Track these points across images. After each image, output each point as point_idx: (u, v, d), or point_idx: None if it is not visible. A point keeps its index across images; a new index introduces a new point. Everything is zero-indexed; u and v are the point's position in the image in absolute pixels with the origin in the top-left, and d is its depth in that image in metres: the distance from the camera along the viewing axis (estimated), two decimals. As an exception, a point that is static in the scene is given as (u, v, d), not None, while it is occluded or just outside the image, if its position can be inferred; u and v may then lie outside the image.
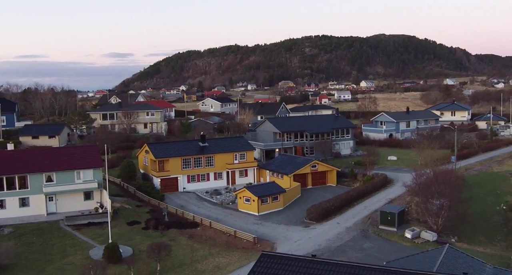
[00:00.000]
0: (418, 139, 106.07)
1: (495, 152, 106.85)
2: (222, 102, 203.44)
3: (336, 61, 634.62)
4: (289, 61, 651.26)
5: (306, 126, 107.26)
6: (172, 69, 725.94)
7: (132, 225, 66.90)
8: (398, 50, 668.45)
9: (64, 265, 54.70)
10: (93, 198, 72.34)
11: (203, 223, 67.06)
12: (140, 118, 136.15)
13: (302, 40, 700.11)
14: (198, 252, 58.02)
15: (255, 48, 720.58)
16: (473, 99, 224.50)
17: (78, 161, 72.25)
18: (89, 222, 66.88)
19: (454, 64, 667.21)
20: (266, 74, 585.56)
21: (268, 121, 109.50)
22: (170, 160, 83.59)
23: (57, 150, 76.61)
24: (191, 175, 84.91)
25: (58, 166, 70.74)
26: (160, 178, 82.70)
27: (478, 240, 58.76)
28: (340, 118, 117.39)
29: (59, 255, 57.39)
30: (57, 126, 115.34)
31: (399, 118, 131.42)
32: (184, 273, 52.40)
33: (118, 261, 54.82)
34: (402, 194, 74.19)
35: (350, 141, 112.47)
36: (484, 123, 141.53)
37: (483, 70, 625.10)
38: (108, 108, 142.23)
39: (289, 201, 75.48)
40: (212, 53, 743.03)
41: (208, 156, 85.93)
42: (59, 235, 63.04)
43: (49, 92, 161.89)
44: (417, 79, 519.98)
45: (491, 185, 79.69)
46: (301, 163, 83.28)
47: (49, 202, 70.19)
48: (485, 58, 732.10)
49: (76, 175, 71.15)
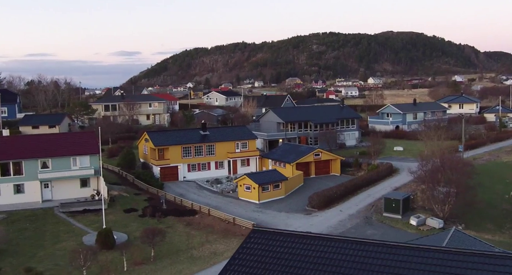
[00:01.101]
0: (425, 130, 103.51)
1: (504, 142, 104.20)
2: (227, 96, 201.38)
3: (343, 58, 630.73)
4: (296, 58, 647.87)
5: (310, 116, 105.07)
6: (179, 67, 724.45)
7: (129, 213, 65.12)
8: (406, 47, 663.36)
9: (55, 251, 52.91)
10: (89, 186, 70.55)
11: (201, 210, 65.16)
12: (143, 110, 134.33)
13: (309, 37, 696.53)
14: (195, 239, 56.13)
15: (262, 45, 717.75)
16: (482, 95, 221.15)
17: (75, 147, 70.46)
18: (84, 209, 65.12)
19: (462, 61, 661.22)
20: (273, 71, 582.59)
21: (272, 111, 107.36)
22: (170, 149, 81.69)
23: (53, 136, 74.84)
24: (192, 164, 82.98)
25: (53, 152, 68.99)
26: (159, 166, 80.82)
27: (486, 227, 56.48)
28: (346, 109, 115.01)
29: (51, 241, 55.64)
30: (57, 116, 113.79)
31: (406, 110, 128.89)
32: (179, 259, 50.46)
33: (111, 247, 52.96)
34: (407, 183, 71.95)
35: (356, 132, 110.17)
36: (493, 115, 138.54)
37: (492, 67, 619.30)
38: (110, 100, 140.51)
39: (291, 189, 73.39)
40: (219, 50, 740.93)
41: (209, 144, 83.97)
42: (53, 222, 61.32)
43: (52, 84, 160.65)
44: (425, 76, 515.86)
45: (499, 174, 77.26)
46: (304, 151, 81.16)
47: (45, 189, 68.50)
48: (494, 55, 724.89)
49: (72, 162, 69.35)
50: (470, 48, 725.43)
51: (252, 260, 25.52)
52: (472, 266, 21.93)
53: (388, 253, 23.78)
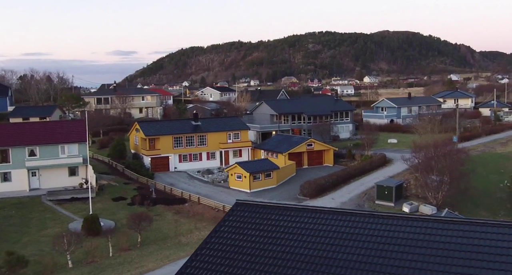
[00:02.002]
0: (419, 123, 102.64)
1: (498, 135, 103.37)
2: (221, 91, 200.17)
3: (339, 57, 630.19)
4: (293, 57, 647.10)
5: (304, 108, 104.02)
6: (175, 65, 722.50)
7: (117, 201, 64.06)
8: (402, 46, 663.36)
9: (40, 237, 51.83)
10: (78, 174, 69.35)
11: (191, 199, 64.13)
12: (135, 103, 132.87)
13: (305, 36, 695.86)
14: (183, 226, 55.10)
15: (258, 44, 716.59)
16: (477, 92, 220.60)
17: (63, 135, 69.22)
18: (72, 197, 64.01)
19: (458, 60, 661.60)
20: (269, 70, 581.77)
21: (265, 103, 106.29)
22: (161, 138, 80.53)
23: (41, 124, 73.66)
24: (183, 155, 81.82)
25: (41, 140, 67.76)
26: (150, 157, 79.64)
27: (480, 214, 55.57)
28: (340, 101, 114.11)
29: (36, 228, 54.56)
30: (48, 108, 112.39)
31: (400, 104, 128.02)
32: (166, 245, 49.39)
33: (97, 233, 51.92)
34: (401, 172, 71.00)
35: (350, 125, 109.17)
36: (488, 109, 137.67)
37: (487, 66, 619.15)
38: (102, 93, 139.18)
39: (283, 179, 72.35)
40: (215, 50, 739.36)
41: (201, 135, 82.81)
42: (39, 210, 60.19)
43: (45, 78, 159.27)
44: (421, 75, 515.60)
45: (494, 164, 76.41)
46: (296, 141, 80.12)
47: (32, 177, 67.29)
48: (489, 55, 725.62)
49: (60, 150, 68.13)
50: (466, 47, 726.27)
51: (234, 232, 24.51)
52: (461, 234, 20.94)
53: (375, 223, 22.79)
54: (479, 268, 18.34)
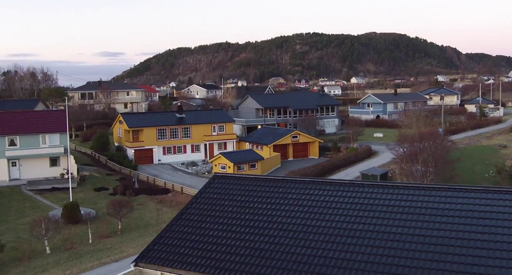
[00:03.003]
0: (405, 118, 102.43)
1: (484, 129, 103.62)
2: (207, 89, 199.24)
3: (327, 58, 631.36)
4: (280, 58, 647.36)
5: (289, 102, 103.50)
6: (162, 66, 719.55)
7: (99, 191, 63.10)
8: (389, 48, 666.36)
9: (18, 225, 50.70)
10: (59, 165, 68.12)
11: (174, 189, 63.35)
12: (120, 98, 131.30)
13: (293, 38, 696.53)
14: (165, 215, 54.09)
15: (246, 45, 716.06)
16: (463, 92, 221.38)
17: (44, 125, 68.01)
18: (53, 187, 62.90)
19: (444, 62, 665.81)
20: (256, 70, 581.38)
21: (250, 97, 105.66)
22: (144, 130, 79.58)
23: (21, 114, 72.28)
24: (167, 147, 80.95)
25: (22, 129, 66.51)
26: (134, 149, 78.67)
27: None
28: (325, 96, 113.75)
29: (15, 216, 53.44)
30: (30, 102, 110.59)
31: (386, 100, 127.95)
32: (147, 232, 48.40)
33: (77, 221, 50.91)
34: (386, 163, 70.72)
35: (336, 119, 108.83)
36: (473, 106, 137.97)
37: (473, 68, 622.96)
38: (87, 88, 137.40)
39: (268, 170, 71.72)
40: (202, 50, 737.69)
41: (185, 127, 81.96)
42: (19, 199, 59.03)
43: (29, 74, 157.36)
44: (407, 76, 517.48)
45: (479, 156, 76.30)
46: (281, 133, 79.57)
47: (12, 167, 66.05)
48: (475, 57, 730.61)
49: (41, 139, 66.87)
50: (452, 49, 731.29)
51: (211, 203, 23.94)
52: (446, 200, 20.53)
53: (351, 191, 22.35)
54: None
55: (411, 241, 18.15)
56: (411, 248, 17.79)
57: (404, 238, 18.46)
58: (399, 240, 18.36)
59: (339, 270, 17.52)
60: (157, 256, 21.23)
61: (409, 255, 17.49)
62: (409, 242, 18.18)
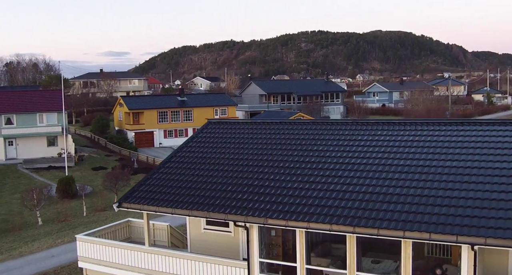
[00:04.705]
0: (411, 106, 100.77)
1: (491, 115, 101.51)
2: (212, 81, 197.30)
3: (332, 56, 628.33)
4: (285, 56, 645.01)
5: (294, 88, 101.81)
6: (167, 65, 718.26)
7: (97, 170, 61.66)
8: (395, 46, 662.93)
9: (12, 200, 49.39)
10: (57, 145, 66.82)
11: (174, 168, 61.58)
12: (122, 86, 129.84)
13: (298, 35, 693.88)
14: (164, 191, 52.56)
15: (251, 43, 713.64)
16: (470, 86, 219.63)
17: (41, 103, 66.72)
18: (49, 166, 61.67)
19: (450, 60, 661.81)
20: (261, 68, 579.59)
21: (254, 83, 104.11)
22: (145, 113, 78.11)
23: (18, 93, 71.01)
24: (168, 130, 79.47)
25: (19, 107, 65.20)
26: (134, 131, 77.22)
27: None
28: (330, 83, 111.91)
29: (9, 192, 52.10)
30: (31, 88, 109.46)
31: (392, 88, 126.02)
32: (144, 206, 46.85)
33: (73, 196, 49.50)
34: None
35: (340, 106, 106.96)
36: (481, 96, 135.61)
37: (479, 66, 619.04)
38: (88, 76, 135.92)
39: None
40: (207, 49, 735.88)
41: (187, 109, 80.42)
42: (14, 176, 57.79)
43: (31, 64, 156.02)
44: (413, 74, 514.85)
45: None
46: (285, 116, 77.81)
47: (9, 146, 64.74)
48: (481, 55, 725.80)
49: (38, 118, 65.67)
50: (458, 47, 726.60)
51: (203, 146, 22.34)
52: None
53: (344, 129, 20.79)
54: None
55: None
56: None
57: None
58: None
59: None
60: (142, 196, 19.59)
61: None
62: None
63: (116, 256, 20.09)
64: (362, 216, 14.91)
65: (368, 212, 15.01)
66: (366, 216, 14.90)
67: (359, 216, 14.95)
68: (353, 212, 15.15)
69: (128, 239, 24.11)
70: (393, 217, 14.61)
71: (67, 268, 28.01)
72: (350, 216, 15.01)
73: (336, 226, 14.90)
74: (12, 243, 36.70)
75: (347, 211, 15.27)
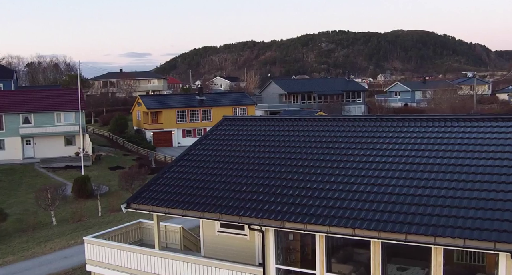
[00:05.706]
0: (435, 105, 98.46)
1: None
2: (231, 81, 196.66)
3: (353, 56, 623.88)
4: (306, 56, 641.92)
5: (314, 87, 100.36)
6: (188, 65, 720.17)
7: (114, 170, 60.97)
8: (416, 45, 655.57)
9: (28, 199, 48.76)
10: (75, 144, 66.37)
11: (192, 167, 60.62)
12: (142, 86, 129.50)
13: (318, 35, 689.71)
14: (181, 191, 51.59)
15: (271, 43, 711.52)
16: (494, 85, 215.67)
17: (59, 102, 66.35)
18: (67, 165, 61.13)
19: (473, 60, 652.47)
20: (282, 69, 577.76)
21: (274, 82, 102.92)
22: (163, 112, 77.38)
23: (36, 92, 70.78)
24: (187, 129, 78.64)
25: (36, 106, 64.86)
26: (152, 131, 76.49)
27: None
28: (351, 82, 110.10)
29: (25, 191, 51.60)
30: (50, 87, 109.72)
31: (415, 87, 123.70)
32: (161, 207, 45.90)
33: (88, 196, 48.75)
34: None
35: (362, 106, 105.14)
36: (506, 95, 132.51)
37: (503, 66, 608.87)
38: (108, 76, 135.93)
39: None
40: (228, 49, 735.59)
41: (206, 109, 79.53)
42: (31, 175, 57.35)
43: (52, 65, 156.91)
44: (435, 74, 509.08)
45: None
46: (305, 115, 76.43)
47: (26, 145, 64.44)
48: (505, 54, 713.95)
49: (56, 117, 65.24)
50: (481, 47, 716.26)
51: (218, 144, 21.15)
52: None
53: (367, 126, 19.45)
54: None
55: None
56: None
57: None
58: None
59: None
60: (151, 196, 18.48)
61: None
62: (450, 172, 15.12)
63: (125, 260, 19.03)
64: (388, 220, 13.57)
65: (395, 215, 13.67)
66: (392, 219, 13.56)
67: (385, 219, 13.61)
68: (378, 215, 13.82)
69: (139, 242, 23.10)
70: (422, 221, 13.25)
71: (79, 270, 27.10)
72: (375, 220, 13.67)
73: (359, 231, 13.57)
74: (25, 244, 35.98)
75: (372, 214, 13.95)
